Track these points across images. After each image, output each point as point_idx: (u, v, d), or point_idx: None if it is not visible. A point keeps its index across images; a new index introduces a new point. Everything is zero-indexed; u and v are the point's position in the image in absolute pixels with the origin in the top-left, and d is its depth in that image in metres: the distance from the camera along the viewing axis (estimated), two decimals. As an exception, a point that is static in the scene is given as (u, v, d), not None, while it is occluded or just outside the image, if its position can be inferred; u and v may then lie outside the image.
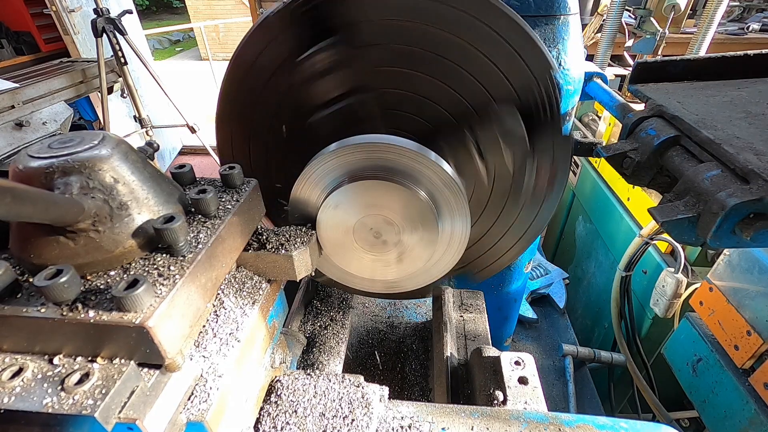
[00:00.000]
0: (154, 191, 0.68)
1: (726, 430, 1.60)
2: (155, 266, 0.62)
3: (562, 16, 1.33)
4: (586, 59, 1.80)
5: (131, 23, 4.87)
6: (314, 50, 0.97)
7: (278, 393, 0.90)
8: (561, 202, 3.80)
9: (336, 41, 0.96)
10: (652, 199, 2.42)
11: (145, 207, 0.65)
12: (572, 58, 1.38)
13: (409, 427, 0.89)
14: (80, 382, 0.52)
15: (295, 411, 0.86)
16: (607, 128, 3.06)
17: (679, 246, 2.06)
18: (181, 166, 0.84)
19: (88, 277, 0.61)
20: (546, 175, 1.10)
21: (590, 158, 3.25)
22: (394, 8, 0.92)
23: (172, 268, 0.62)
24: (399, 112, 1.06)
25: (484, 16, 0.92)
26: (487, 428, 0.89)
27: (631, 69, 1.18)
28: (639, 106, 1.13)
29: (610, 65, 3.94)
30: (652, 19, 3.68)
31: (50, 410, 0.50)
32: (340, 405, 0.87)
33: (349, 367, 1.51)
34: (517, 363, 1.13)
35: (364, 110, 1.04)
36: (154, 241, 0.65)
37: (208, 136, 5.24)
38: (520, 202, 1.16)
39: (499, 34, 0.93)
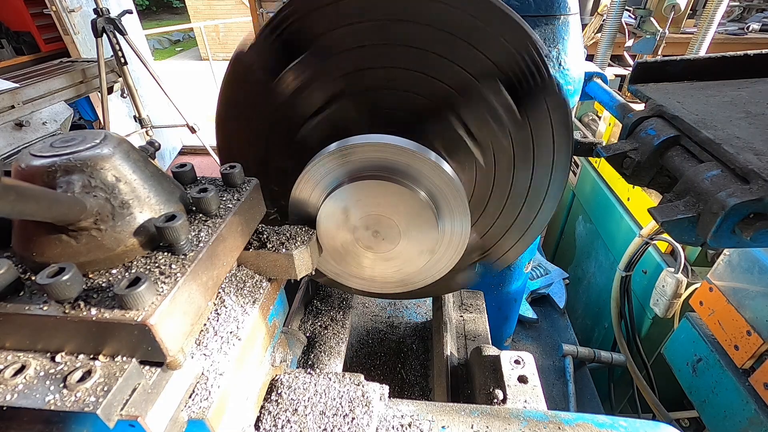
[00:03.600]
0: (156, 190, 0.68)
1: (726, 430, 1.60)
2: (157, 265, 0.62)
3: (562, 16, 1.33)
4: (586, 59, 1.80)
5: (131, 23, 4.88)
6: (286, 71, 1.00)
7: (279, 391, 0.90)
8: (561, 202, 3.81)
9: (305, 57, 0.98)
10: (652, 199, 2.42)
11: (147, 206, 0.65)
12: (572, 58, 1.39)
13: (409, 425, 0.89)
14: (82, 379, 0.53)
15: (296, 409, 0.87)
16: (607, 128, 3.07)
17: (679, 246, 2.06)
18: (182, 165, 0.84)
19: (90, 276, 0.61)
20: (548, 140, 1.06)
21: (590, 158, 3.25)
22: (350, 13, 0.93)
23: (173, 266, 0.62)
24: (381, 110, 1.06)
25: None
26: (487, 427, 0.90)
27: (631, 69, 1.18)
28: (639, 106, 1.13)
29: (610, 65, 3.95)
30: (652, 19, 3.69)
31: (53, 407, 0.50)
32: (340, 403, 0.87)
33: (349, 367, 1.51)
34: (516, 362, 1.13)
35: (345, 116, 1.05)
36: (156, 239, 0.65)
37: (208, 136, 5.25)
38: (528, 172, 1.11)
39: (468, 13, 0.92)
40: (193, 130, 4.84)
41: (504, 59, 0.96)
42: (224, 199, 0.80)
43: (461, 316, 1.57)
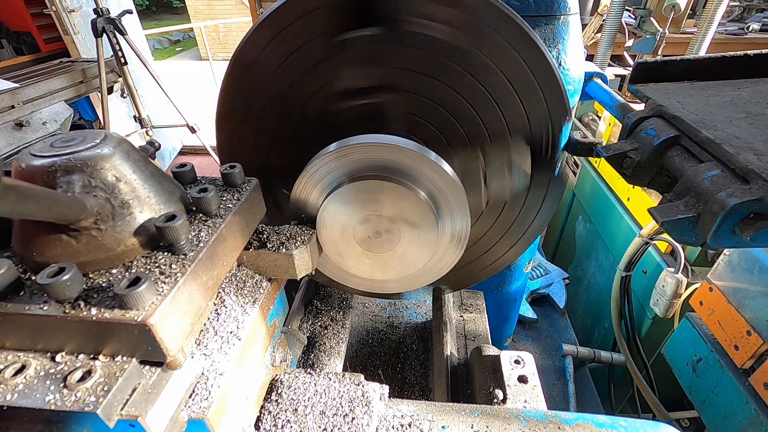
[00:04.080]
0: (156, 190, 0.68)
1: (726, 430, 1.60)
2: (157, 264, 0.62)
3: (562, 16, 1.33)
4: (586, 59, 1.81)
5: (131, 23, 4.88)
6: (356, 35, 0.94)
7: (279, 391, 0.90)
8: (561, 202, 3.81)
9: (378, 32, 0.94)
10: (652, 199, 2.42)
11: (147, 205, 0.66)
12: (572, 58, 1.39)
13: (409, 425, 0.89)
14: (82, 379, 0.53)
15: (296, 409, 0.87)
16: (607, 128, 3.07)
17: (679, 246, 2.06)
18: (182, 165, 0.84)
19: (90, 275, 0.61)
20: (535, 209, 1.18)
21: (590, 158, 3.25)
22: (443, 17, 0.92)
23: (173, 266, 0.62)
24: (420, 120, 1.07)
25: (524, 52, 0.95)
26: (487, 426, 0.90)
27: (631, 69, 1.18)
28: (639, 106, 1.13)
29: (610, 65, 3.95)
30: (652, 19, 3.69)
31: (53, 407, 0.50)
32: (340, 403, 0.87)
33: (349, 367, 1.51)
34: (516, 362, 1.13)
35: (390, 109, 1.04)
36: (156, 239, 0.65)
37: (208, 136, 5.25)
38: (506, 228, 1.23)
39: (532, 72, 0.97)
40: (193, 130, 4.84)
41: (537, 122, 1.02)
42: (224, 199, 0.80)
43: (461, 316, 1.57)
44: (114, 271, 0.62)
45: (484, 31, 0.93)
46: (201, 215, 0.74)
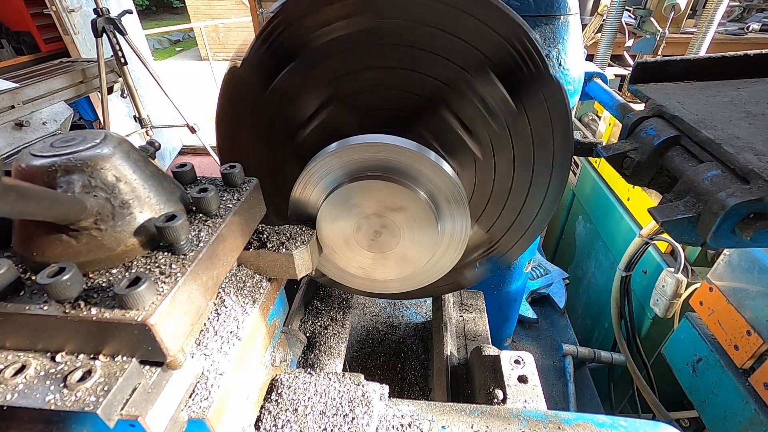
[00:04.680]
0: (156, 190, 0.68)
1: (726, 430, 1.60)
2: (157, 264, 0.62)
3: (562, 16, 1.33)
4: (586, 59, 1.81)
5: (131, 23, 4.88)
6: (279, 78, 1.00)
7: (279, 391, 0.90)
8: (561, 202, 3.82)
9: (295, 65, 0.99)
10: (652, 199, 2.42)
11: (147, 205, 0.65)
12: (572, 58, 1.39)
13: (409, 425, 0.89)
14: (83, 379, 0.53)
15: (296, 409, 0.87)
16: (607, 128, 3.07)
17: (679, 246, 2.06)
18: (182, 165, 0.84)
19: (90, 275, 0.61)
20: (547, 128, 1.02)
21: (590, 158, 3.25)
22: (333, 17, 0.94)
23: (173, 266, 0.62)
24: (373, 111, 1.06)
25: None
26: (487, 426, 0.90)
27: (631, 69, 1.18)
28: (639, 106, 1.14)
29: (610, 65, 3.95)
30: (652, 19, 3.69)
31: (53, 407, 0.50)
32: (340, 403, 0.87)
33: (349, 367, 1.51)
34: (516, 362, 1.13)
35: (338, 120, 1.05)
36: (156, 239, 0.65)
37: (208, 136, 5.24)
38: (530, 162, 1.09)
39: (452, 5, 0.92)
40: (193, 130, 4.84)
41: (493, 49, 0.95)
42: (224, 199, 0.80)
43: (461, 316, 1.57)
44: (114, 271, 0.62)
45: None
46: (201, 215, 0.74)
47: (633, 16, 4.20)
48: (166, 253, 0.65)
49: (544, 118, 1.01)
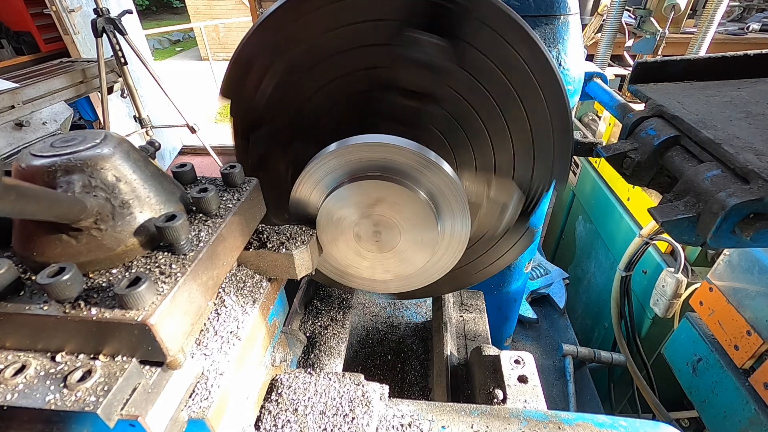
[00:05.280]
0: (156, 190, 0.68)
1: (726, 430, 1.60)
2: (157, 264, 0.62)
3: (562, 16, 1.33)
4: (586, 59, 1.81)
5: (131, 23, 4.88)
6: (426, 38, 0.94)
7: (279, 391, 0.90)
8: (561, 202, 3.82)
9: (446, 45, 0.95)
10: (652, 199, 2.42)
11: (147, 205, 0.66)
12: (572, 58, 1.39)
13: (409, 425, 0.89)
14: (83, 379, 0.53)
15: (296, 409, 0.87)
16: (607, 128, 3.07)
17: (679, 246, 2.06)
18: (182, 165, 0.84)
19: (91, 275, 0.61)
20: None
21: (590, 158, 3.25)
22: (501, 59, 0.96)
23: (173, 266, 0.62)
24: (442, 138, 1.09)
25: (554, 117, 0.99)
26: (487, 426, 0.90)
27: (631, 69, 1.18)
28: (639, 106, 1.14)
29: (610, 65, 3.95)
30: (652, 19, 3.69)
31: (53, 407, 0.50)
32: (340, 403, 0.87)
33: (349, 367, 1.51)
34: (516, 362, 1.13)
35: (423, 119, 1.06)
36: (156, 239, 0.65)
37: (208, 136, 5.25)
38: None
39: (554, 134, 1.01)
40: (193, 130, 4.84)
41: (538, 179, 1.05)
42: (224, 199, 0.80)
43: (461, 316, 1.57)
44: (114, 271, 0.62)
45: (531, 89, 0.98)
46: (201, 215, 0.74)
47: (633, 16, 4.20)
48: (166, 253, 0.65)
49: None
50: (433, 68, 0.98)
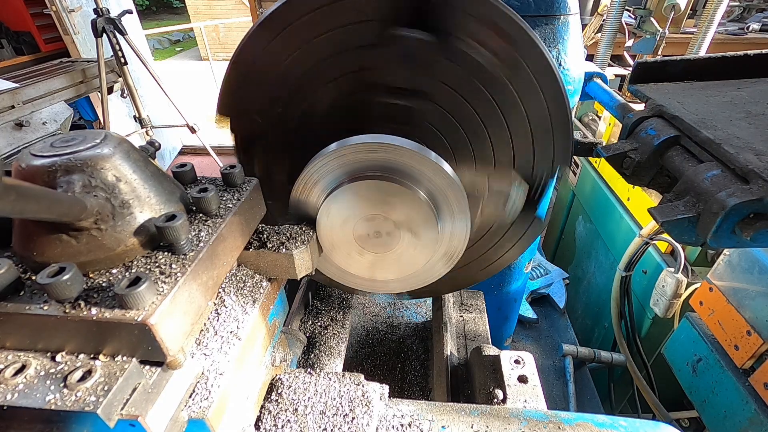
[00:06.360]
0: (156, 190, 0.68)
1: (726, 430, 1.60)
2: (157, 264, 0.62)
3: (562, 16, 1.33)
4: (586, 59, 1.81)
5: (131, 23, 4.88)
6: (409, 34, 0.94)
7: (279, 391, 0.90)
8: (561, 202, 3.82)
9: (431, 40, 0.94)
10: (652, 199, 2.42)
11: (147, 205, 0.66)
12: (572, 58, 1.39)
13: (409, 425, 0.89)
14: (83, 379, 0.53)
15: (296, 409, 0.87)
16: (607, 128, 3.07)
17: (679, 246, 2.06)
18: (182, 165, 0.84)
19: (91, 275, 0.61)
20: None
21: (590, 158, 3.25)
22: (492, 46, 0.94)
23: (173, 266, 0.62)
24: (438, 133, 1.08)
25: (551, 101, 0.98)
26: (487, 426, 0.90)
27: (631, 69, 1.18)
28: (639, 106, 1.13)
29: (610, 65, 3.95)
30: (652, 19, 3.69)
31: (53, 407, 0.50)
32: (340, 403, 0.87)
33: (349, 367, 1.51)
34: (516, 362, 1.13)
35: (416, 116, 1.05)
36: (156, 239, 0.65)
37: (208, 136, 5.25)
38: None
39: (551, 119, 1.00)
40: (193, 130, 4.84)
41: (541, 165, 1.03)
42: (224, 198, 0.80)
43: (461, 316, 1.57)
44: (114, 270, 0.62)
45: (522, 73, 0.96)
46: (201, 215, 0.74)
47: (633, 16, 4.20)
48: (166, 253, 0.65)
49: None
50: (420, 62, 0.98)
